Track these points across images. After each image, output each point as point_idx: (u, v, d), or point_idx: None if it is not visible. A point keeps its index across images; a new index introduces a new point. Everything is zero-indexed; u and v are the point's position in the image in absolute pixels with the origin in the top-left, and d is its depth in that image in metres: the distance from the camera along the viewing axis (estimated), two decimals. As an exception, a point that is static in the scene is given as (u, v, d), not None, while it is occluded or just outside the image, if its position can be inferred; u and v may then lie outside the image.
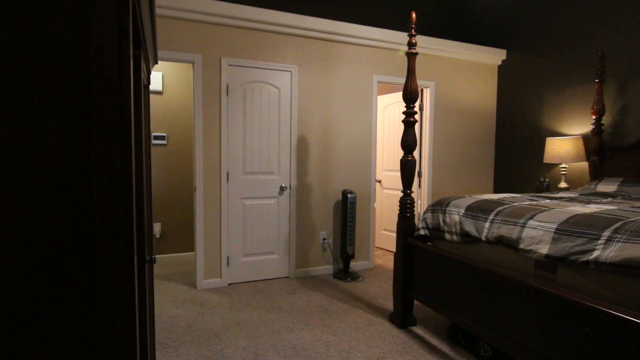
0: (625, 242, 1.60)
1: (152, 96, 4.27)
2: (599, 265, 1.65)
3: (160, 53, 3.28)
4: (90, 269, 0.76)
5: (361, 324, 2.83)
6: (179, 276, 3.87)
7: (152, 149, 4.31)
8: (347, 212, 3.87)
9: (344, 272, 3.95)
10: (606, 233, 1.69)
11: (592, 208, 2.09)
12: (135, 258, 0.83)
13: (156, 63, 2.06)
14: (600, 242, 1.68)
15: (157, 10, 3.21)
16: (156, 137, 4.30)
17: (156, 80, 4.25)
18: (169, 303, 3.18)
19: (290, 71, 3.78)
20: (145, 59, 1.55)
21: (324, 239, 4.03)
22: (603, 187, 3.30)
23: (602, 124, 3.67)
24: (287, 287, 3.59)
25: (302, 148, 3.88)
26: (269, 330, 2.72)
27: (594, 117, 3.64)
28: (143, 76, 1.51)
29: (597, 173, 3.66)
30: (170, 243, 4.45)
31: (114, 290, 0.78)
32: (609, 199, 2.68)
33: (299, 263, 3.93)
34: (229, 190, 3.60)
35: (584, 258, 1.71)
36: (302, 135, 3.88)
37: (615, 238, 1.65)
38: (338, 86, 4.01)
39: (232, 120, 3.58)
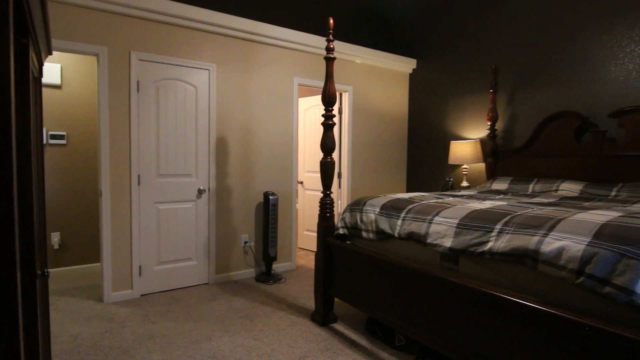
0: (513, 234, 1.82)
1: (49, 91, 3.82)
2: (493, 255, 1.85)
3: (58, 43, 2.94)
4: (-41, 289, 0.65)
5: (283, 325, 2.83)
6: (83, 290, 3.51)
7: (50, 149, 3.85)
8: (269, 214, 3.84)
9: (267, 275, 3.91)
10: (498, 226, 1.91)
11: (487, 204, 2.33)
12: (19, 273, 0.73)
13: (50, 54, 1.85)
14: (493, 234, 1.89)
15: (53, -5, 2.88)
16: (53, 137, 3.84)
17: (53, 72, 3.80)
18: (70, 321, 2.86)
19: (208, 69, 3.65)
20: (35, 48, 1.38)
21: (245, 242, 3.95)
22: (497, 185, 3.71)
23: (496, 130, 4.13)
24: (207, 294, 3.45)
25: (221, 149, 3.77)
26: (187, 341, 2.59)
27: (489, 123, 4.09)
28: (33, 67, 1.35)
29: (492, 173, 4.11)
30: (72, 254, 4.01)
31: (-9, 311, 0.67)
32: (501, 196, 3.03)
33: (219, 268, 3.80)
34: (140, 194, 3.35)
35: (481, 249, 1.91)
36: (221, 136, 3.76)
37: (505, 230, 1.86)
38: (258, 87, 3.97)
39: (143, 119, 3.34)
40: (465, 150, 4.17)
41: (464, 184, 4.23)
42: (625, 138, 3.21)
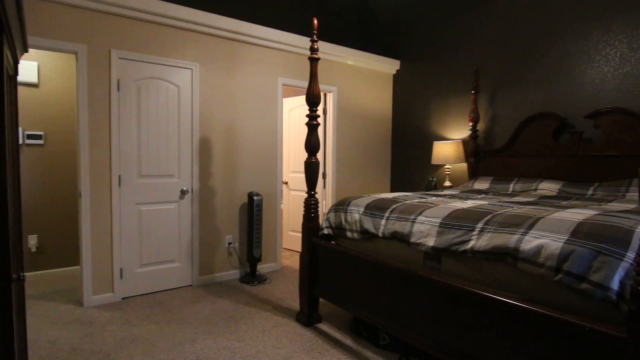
0: (494, 232, 1.86)
1: (26, 89, 3.71)
2: (474, 253, 1.88)
3: (35, 40, 2.86)
4: None
5: (268, 326, 2.82)
6: (62, 294, 3.42)
7: (26, 149, 3.74)
8: (254, 214, 3.82)
9: (251, 276, 3.89)
10: (479, 225, 1.94)
11: (469, 204, 2.37)
12: (-8, 277, 0.71)
13: (26, 51, 1.80)
14: (474, 233, 1.93)
15: (29, -9, 2.80)
16: (30, 136, 3.74)
17: (30, 70, 3.70)
18: (48, 325, 2.78)
19: (191, 69, 3.60)
20: (10, 45, 1.34)
21: (229, 243, 3.92)
22: (478, 185, 3.78)
23: (477, 130, 4.20)
24: (190, 296, 3.41)
25: (204, 149, 3.73)
26: (170, 343, 2.55)
27: (470, 124, 4.16)
28: (7, 65, 1.31)
29: (474, 172, 4.18)
30: (51, 257, 3.90)
31: (-38, 317, 0.65)
32: (483, 195, 3.08)
33: (203, 270, 3.76)
34: (121, 195, 3.29)
35: (463, 248, 1.94)
36: (204, 136, 3.72)
37: (486, 229, 1.90)
38: (243, 87, 3.95)
39: (124, 119, 3.28)
40: (447, 150, 4.23)
41: (447, 183, 4.29)
42: (601, 139, 3.30)
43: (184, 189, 3.60)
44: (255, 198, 3.82)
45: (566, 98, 3.61)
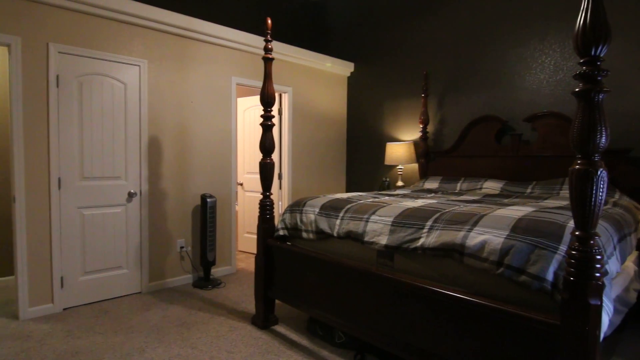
0: (442, 230, 1.94)
1: (-54, 83, 3.36)
2: (424, 250, 1.95)
3: (-43, 29, 2.61)
4: None
5: (223, 331, 2.75)
6: (-7, 307, 3.14)
7: (-52, 150, 3.39)
8: (207, 217, 3.72)
9: (205, 280, 3.78)
10: (429, 223, 2.02)
11: (419, 202, 2.46)
12: None
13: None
14: (424, 231, 2.00)
15: (-49, -24, 2.54)
16: (-46, 136, 3.40)
17: (-47, 63, 3.36)
18: (-24, 343, 2.54)
19: (139, 65, 3.44)
20: None
21: (181, 247, 3.79)
22: (429, 185, 3.93)
23: (428, 132, 4.37)
24: (140, 304, 3.26)
25: (154, 150, 3.58)
26: (117, 355, 2.42)
27: (421, 126, 4.32)
28: None
29: (424, 172, 4.34)
30: (-21, 267, 3.57)
31: None
32: (432, 194, 3.21)
33: (153, 276, 3.60)
34: (61, 198, 3.07)
35: (414, 245, 2.00)
36: (154, 136, 3.57)
37: (435, 227, 1.98)
38: (195, 86, 3.83)
39: (64, 117, 3.07)
40: (400, 151, 4.36)
41: (399, 183, 4.42)
42: (538, 140, 3.56)
43: (132, 191, 3.43)
44: (208, 200, 3.72)
45: (507, 102, 3.85)
